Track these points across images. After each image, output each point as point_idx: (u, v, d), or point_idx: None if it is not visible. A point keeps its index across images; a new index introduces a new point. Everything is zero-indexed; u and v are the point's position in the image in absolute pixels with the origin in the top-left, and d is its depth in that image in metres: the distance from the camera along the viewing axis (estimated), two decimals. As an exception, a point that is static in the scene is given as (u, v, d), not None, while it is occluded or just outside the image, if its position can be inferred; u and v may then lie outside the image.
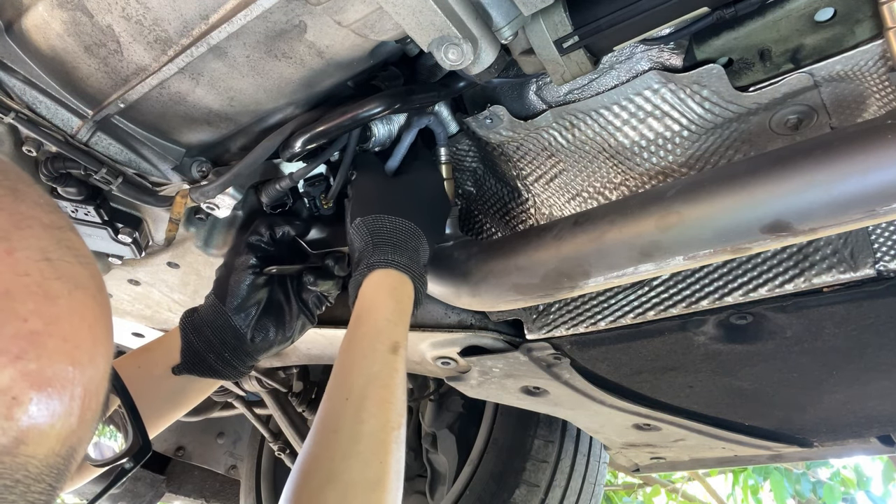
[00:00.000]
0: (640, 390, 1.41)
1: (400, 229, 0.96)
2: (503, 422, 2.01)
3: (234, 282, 1.10)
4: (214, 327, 1.08)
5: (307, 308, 1.16)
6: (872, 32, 0.82)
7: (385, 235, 0.96)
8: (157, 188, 1.06)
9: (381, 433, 0.81)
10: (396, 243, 0.95)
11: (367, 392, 0.83)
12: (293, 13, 0.81)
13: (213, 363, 1.08)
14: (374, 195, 1.01)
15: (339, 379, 0.86)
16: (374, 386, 0.84)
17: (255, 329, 1.10)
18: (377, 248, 0.95)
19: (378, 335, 0.89)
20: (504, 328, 1.32)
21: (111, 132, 0.98)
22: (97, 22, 0.83)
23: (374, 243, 0.95)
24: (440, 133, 1.11)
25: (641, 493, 5.72)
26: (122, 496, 2.56)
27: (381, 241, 0.95)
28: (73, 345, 0.45)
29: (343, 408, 0.83)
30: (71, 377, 0.44)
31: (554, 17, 0.80)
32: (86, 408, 0.45)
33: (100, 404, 0.48)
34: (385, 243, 0.95)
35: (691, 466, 1.90)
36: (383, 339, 0.88)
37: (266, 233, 1.13)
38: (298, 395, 2.21)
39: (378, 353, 0.87)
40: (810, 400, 1.33)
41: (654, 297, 1.12)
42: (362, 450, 0.79)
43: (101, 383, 0.47)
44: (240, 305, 1.09)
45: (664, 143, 1.02)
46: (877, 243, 0.96)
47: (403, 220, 0.96)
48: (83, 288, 0.47)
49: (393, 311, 0.91)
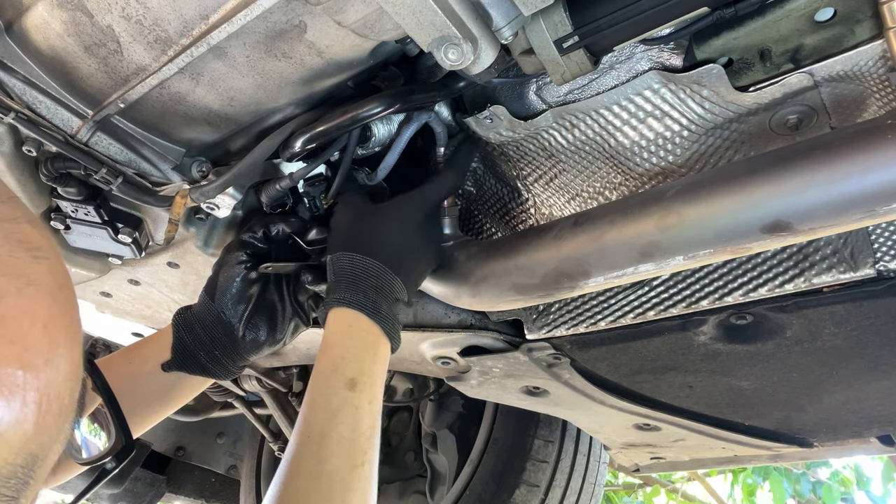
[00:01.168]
0: (640, 390, 1.41)
1: (360, 267, 0.95)
2: (503, 422, 2.01)
3: (224, 277, 1.09)
4: (205, 324, 1.08)
5: (302, 309, 1.15)
6: (872, 32, 0.82)
7: (344, 274, 0.95)
8: (157, 188, 1.06)
9: (343, 472, 0.81)
10: (353, 281, 0.94)
11: (326, 430, 0.83)
12: (293, 13, 0.80)
13: (203, 361, 1.07)
14: (343, 230, 1.01)
15: (302, 417, 0.86)
16: (334, 423, 0.84)
17: (246, 326, 1.09)
18: (336, 286, 0.95)
19: (334, 372, 0.89)
20: (504, 328, 1.32)
21: (111, 132, 0.98)
22: (97, 22, 0.83)
23: (335, 281, 0.96)
24: (440, 133, 1.11)
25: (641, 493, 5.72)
26: (122, 496, 2.56)
27: (340, 279, 0.95)
28: (23, 347, 0.42)
29: (305, 446, 0.82)
30: (21, 382, 0.41)
31: (554, 17, 0.80)
32: (44, 413, 0.43)
33: (63, 407, 0.45)
34: (342, 281, 0.95)
35: (691, 466, 1.90)
36: (339, 377, 0.88)
37: (260, 230, 1.12)
38: (298, 395, 2.21)
39: (336, 390, 0.87)
40: (810, 400, 1.33)
41: (654, 297, 1.12)
42: (324, 489, 0.79)
43: (62, 385, 0.45)
44: (229, 301, 1.08)
45: (664, 143, 1.02)
46: (877, 243, 0.96)
47: (364, 258, 0.95)
48: (36, 285, 0.44)
49: (347, 347, 0.91)
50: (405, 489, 2.30)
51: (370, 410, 0.87)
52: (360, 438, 0.84)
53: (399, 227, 1.01)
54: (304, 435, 0.84)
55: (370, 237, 0.99)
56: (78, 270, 1.29)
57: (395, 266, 0.98)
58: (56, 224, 1.17)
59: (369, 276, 0.95)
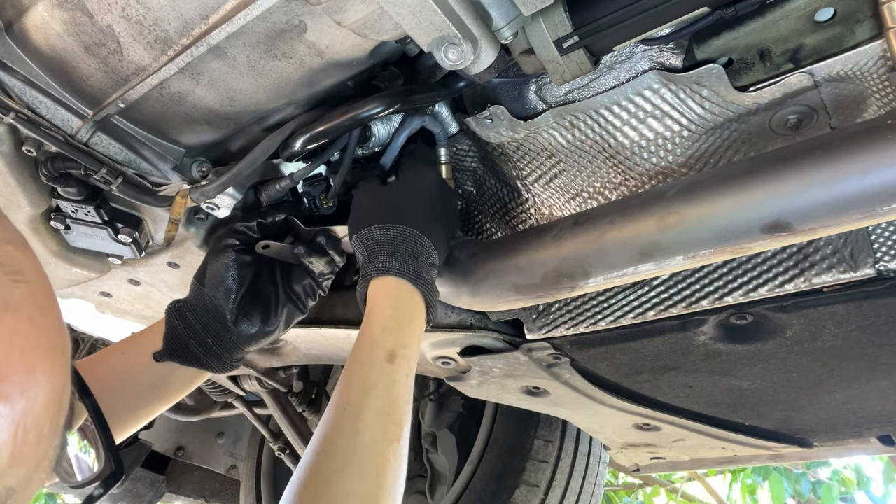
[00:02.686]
0: (640, 390, 1.41)
1: (392, 235, 0.95)
2: (503, 422, 2.01)
3: (215, 264, 1.08)
4: (196, 311, 1.06)
5: (297, 297, 1.13)
6: (872, 32, 0.82)
7: (377, 245, 0.95)
8: (157, 188, 1.06)
9: (378, 445, 0.80)
10: (390, 250, 0.94)
11: (363, 403, 0.83)
12: (293, 13, 0.80)
13: (195, 349, 1.05)
14: (366, 208, 1.01)
15: (338, 390, 0.86)
16: (371, 396, 0.83)
17: (237, 313, 1.07)
18: (371, 258, 0.95)
19: (374, 345, 0.88)
20: (504, 328, 1.32)
21: (111, 132, 0.98)
22: (97, 22, 0.83)
23: (369, 254, 0.95)
24: (440, 133, 1.11)
25: (641, 493, 5.72)
26: (122, 496, 2.56)
27: (375, 251, 0.95)
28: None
29: (341, 418, 0.82)
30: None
31: (554, 17, 0.80)
32: (20, 444, 0.41)
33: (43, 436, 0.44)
34: (378, 252, 0.94)
35: (691, 466, 1.90)
36: (378, 350, 0.88)
37: (253, 219, 1.11)
38: (298, 395, 2.21)
39: (374, 363, 0.86)
40: (810, 400, 1.33)
41: (654, 297, 1.12)
42: (358, 461, 0.79)
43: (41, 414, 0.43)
44: (220, 287, 1.06)
45: (664, 143, 1.02)
46: (877, 243, 0.96)
47: (395, 226, 0.95)
48: (14, 310, 0.42)
49: (389, 318, 0.90)
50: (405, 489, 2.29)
51: (406, 384, 0.87)
52: (395, 413, 0.83)
53: (418, 194, 1.01)
54: (340, 408, 0.83)
55: (395, 207, 0.98)
56: (78, 270, 1.29)
57: (427, 230, 0.97)
58: (56, 224, 1.17)
59: (404, 243, 0.94)
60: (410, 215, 0.98)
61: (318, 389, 2.30)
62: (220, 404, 2.44)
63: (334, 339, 1.47)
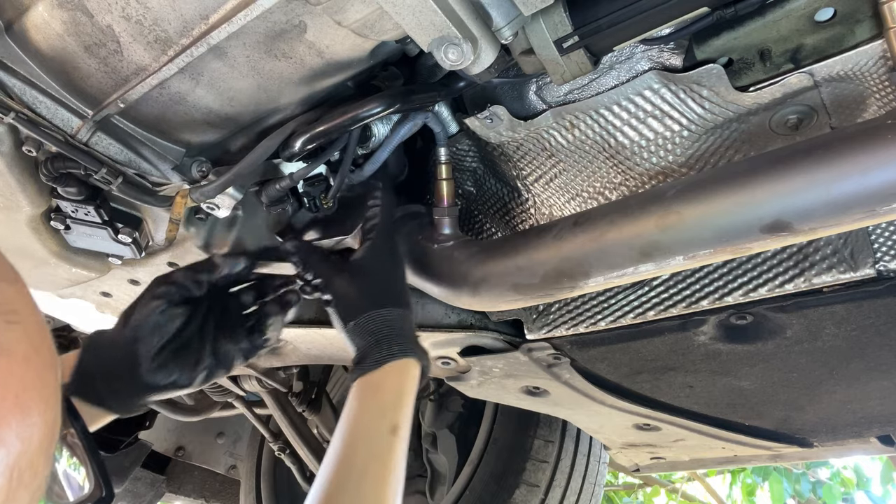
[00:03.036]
0: (640, 390, 1.41)
1: (389, 321, 1.01)
2: (503, 422, 2.01)
3: (142, 306, 1.01)
4: (112, 349, 1.00)
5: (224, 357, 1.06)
6: (872, 32, 0.82)
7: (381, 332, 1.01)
8: (157, 188, 1.06)
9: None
10: (395, 335, 1.01)
11: (367, 469, 0.91)
12: (293, 13, 0.80)
13: (101, 390, 0.98)
14: (355, 294, 1.04)
15: (341, 454, 0.93)
16: (375, 464, 0.92)
17: (154, 363, 1.00)
18: (379, 344, 1.00)
19: (382, 418, 0.96)
20: (504, 328, 1.32)
21: (111, 132, 0.98)
22: (97, 22, 0.83)
23: (376, 341, 1.00)
24: (440, 133, 1.11)
25: (641, 493, 5.72)
26: (122, 496, 2.57)
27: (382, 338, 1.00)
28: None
29: (345, 481, 0.90)
30: None
31: (554, 17, 0.80)
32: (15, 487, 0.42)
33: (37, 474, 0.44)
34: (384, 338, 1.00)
35: (691, 466, 1.90)
36: (385, 423, 0.95)
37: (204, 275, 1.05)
38: (298, 395, 2.22)
39: (380, 434, 0.94)
40: (810, 400, 1.33)
41: (654, 297, 1.12)
42: None
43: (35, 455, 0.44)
44: (142, 330, 1.00)
45: (664, 143, 1.02)
46: (877, 243, 0.96)
47: (388, 311, 1.01)
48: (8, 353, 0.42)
49: (401, 394, 0.98)
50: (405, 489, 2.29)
51: (404, 450, 0.96)
52: (394, 480, 0.93)
53: (391, 268, 1.08)
54: (343, 471, 0.92)
55: (380, 290, 1.04)
56: (78, 270, 1.29)
57: (407, 302, 1.05)
58: (56, 224, 1.17)
59: (401, 323, 1.02)
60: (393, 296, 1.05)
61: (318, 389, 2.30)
62: (220, 404, 2.44)
63: (334, 339, 1.47)
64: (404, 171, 1.31)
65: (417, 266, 1.14)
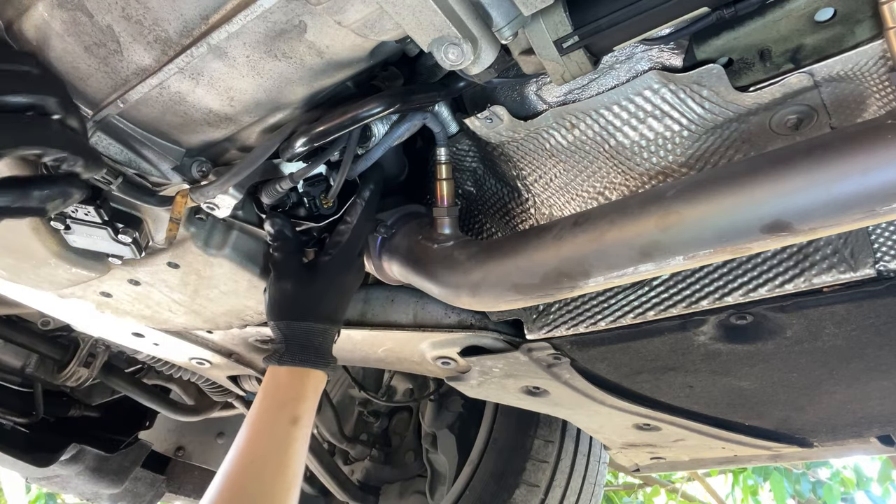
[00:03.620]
0: (640, 390, 1.41)
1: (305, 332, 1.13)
2: (503, 422, 2.01)
3: None
4: None
5: None
6: (872, 32, 0.82)
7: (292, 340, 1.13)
8: (157, 188, 1.06)
9: (280, 494, 1.01)
10: (304, 345, 1.13)
11: (268, 457, 1.03)
12: (293, 13, 0.80)
13: None
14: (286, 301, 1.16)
15: (246, 444, 1.04)
16: (275, 453, 1.03)
17: None
18: (287, 349, 1.12)
19: (282, 409, 1.08)
20: (504, 328, 1.32)
21: (111, 132, 0.98)
22: (97, 22, 0.83)
23: (286, 345, 1.13)
24: (440, 133, 1.11)
25: (641, 493, 5.72)
26: (122, 496, 2.56)
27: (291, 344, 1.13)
28: None
29: (248, 469, 1.02)
30: None
31: (554, 17, 0.80)
32: None
33: None
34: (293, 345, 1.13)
35: (691, 466, 1.90)
36: (286, 414, 1.07)
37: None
38: (298, 395, 2.21)
39: (281, 425, 1.06)
40: (810, 400, 1.33)
41: (654, 297, 1.12)
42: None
43: None
44: None
45: (664, 143, 1.02)
46: (877, 243, 0.96)
47: (311, 325, 1.13)
48: None
49: (300, 392, 1.10)
50: (405, 489, 2.30)
51: (304, 440, 1.07)
52: (294, 466, 1.04)
53: (333, 288, 1.17)
54: (246, 459, 1.03)
55: (310, 304, 1.15)
56: (78, 270, 1.29)
57: (334, 319, 1.17)
58: (56, 224, 1.17)
59: (315, 337, 1.14)
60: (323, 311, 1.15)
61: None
62: (220, 404, 2.44)
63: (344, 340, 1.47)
64: (404, 171, 1.31)
65: (417, 266, 1.14)
